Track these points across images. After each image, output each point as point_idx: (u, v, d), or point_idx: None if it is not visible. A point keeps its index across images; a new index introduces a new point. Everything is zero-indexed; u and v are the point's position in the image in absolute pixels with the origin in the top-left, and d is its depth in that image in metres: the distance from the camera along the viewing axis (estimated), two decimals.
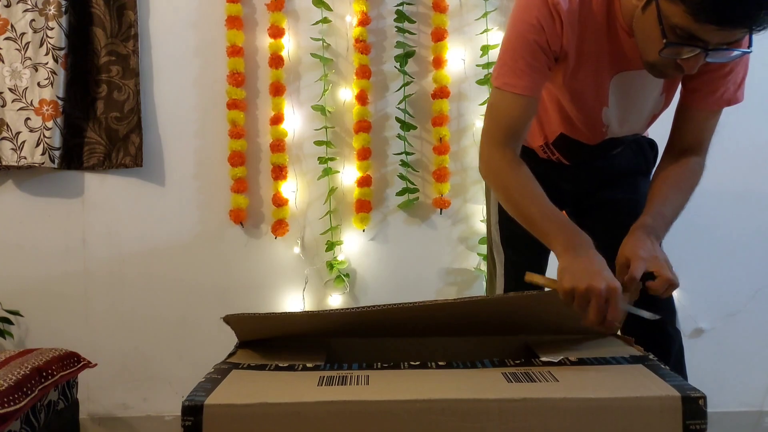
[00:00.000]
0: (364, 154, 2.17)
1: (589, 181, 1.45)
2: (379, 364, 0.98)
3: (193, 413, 0.81)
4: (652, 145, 1.48)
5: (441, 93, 2.16)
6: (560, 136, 1.37)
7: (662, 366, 0.94)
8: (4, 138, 2.13)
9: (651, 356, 0.99)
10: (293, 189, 2.22)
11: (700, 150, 1.25)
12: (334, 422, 0.81)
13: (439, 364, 0.97)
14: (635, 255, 1.06)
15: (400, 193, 2.19)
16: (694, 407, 0.82)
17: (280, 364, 0.98)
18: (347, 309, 1.11)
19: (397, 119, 2.18)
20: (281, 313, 1.13)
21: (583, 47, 1.17)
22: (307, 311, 1.05)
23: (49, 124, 2.11)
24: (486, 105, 1.28)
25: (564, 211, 1.49)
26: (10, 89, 2.13)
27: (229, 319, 1.08)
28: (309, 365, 0.98)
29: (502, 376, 0.90)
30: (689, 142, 1.24)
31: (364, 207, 2.19)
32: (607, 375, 0.91)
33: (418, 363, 0.98)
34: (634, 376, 0.90)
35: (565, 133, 1.36)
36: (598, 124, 1.30)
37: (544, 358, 0.99)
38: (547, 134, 1.39)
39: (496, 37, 2.16)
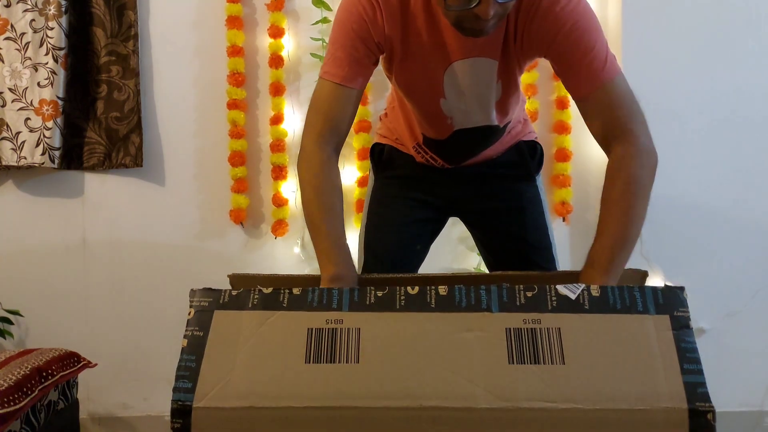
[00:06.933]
0: (364, 154, 2.17)
1: (471, 188, 1.43)
2: (373, 294, 0.91)
3: (181, 416, 0.82)
4: (533, 148, 1.45)
5: None
6: (423, 134, 1.37)
7: (688, 324, 0.86)
8: (4, 138, 2.13)
9: (683, 295, 0.90)
10: (293, 189, 2.21)
11: (621, 135, 1.11)
12: (321, 426, 0.82)
13: (440, 294, 0.91)
14: None
15: None
16: (702, 422, 0.78)
17: (264, 290, 0.94)
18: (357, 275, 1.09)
19: None
20: (287, 275, 1.13)
21: (409, 40, 1.17)
22: (314, 275, 1.05)
23: (49, 124, 2.11)
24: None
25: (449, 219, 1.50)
26: (10, 89, 2.12)
27: (233, 279, 1.07)
28: (296, 291, 0.93)
29: (506, 341, 0.85)
30: (603, 132, 1.13)
31: None
32: (622, 348, 0.84)
33: (416, 291, 0.91)
34: (651, 354, 0.84)
35: (422, 131, 1.36)
36: (440, 116, 1.29)
37: (561, 290, 0.91)
38: (417, 134, 1.39)
39: None
